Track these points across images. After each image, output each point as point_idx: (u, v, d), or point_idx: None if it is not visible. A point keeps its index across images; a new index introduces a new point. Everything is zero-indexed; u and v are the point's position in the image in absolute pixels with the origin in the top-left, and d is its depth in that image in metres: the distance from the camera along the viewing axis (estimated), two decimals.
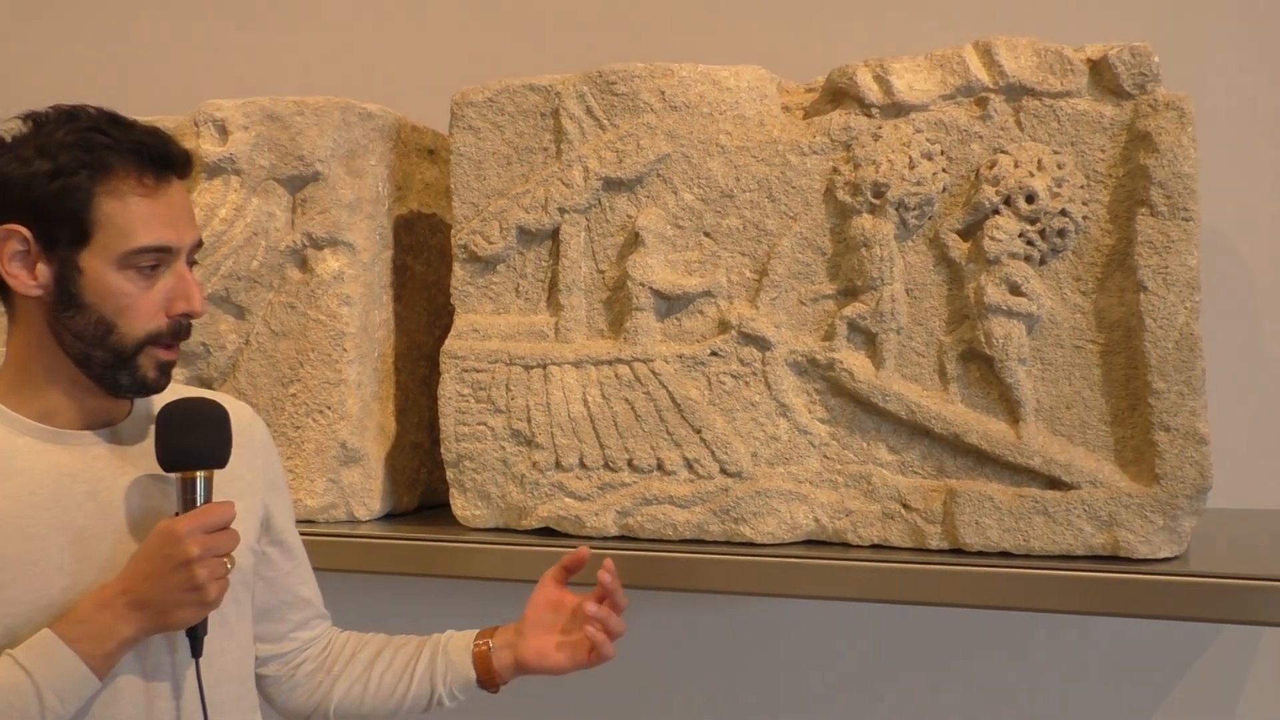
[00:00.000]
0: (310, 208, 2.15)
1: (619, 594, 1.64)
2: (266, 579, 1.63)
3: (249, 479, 1.57)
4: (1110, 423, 1.76)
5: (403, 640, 1.73)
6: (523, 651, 1.65)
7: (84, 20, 3.04)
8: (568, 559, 1.70)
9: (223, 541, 1.35)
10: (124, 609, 1.31)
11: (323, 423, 2.14)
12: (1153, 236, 1.71)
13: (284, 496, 1.67)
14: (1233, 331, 2.16)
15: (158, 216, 1.38)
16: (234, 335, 2.19)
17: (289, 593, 1.67)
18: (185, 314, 1.41)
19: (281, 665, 1.67)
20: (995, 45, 1.79)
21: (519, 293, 2.05)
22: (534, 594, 1.70)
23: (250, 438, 1.59)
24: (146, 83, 2.93)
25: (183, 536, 1.31)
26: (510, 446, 2.03)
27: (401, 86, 2.67)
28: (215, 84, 2.76)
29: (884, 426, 1.87)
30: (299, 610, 1.68)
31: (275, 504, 1.63)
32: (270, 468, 1.63)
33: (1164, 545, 1.72)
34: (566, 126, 1.99)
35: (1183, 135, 1.70)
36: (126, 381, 1.40)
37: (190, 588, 1.32)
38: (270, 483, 1.62)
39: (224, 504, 1.38)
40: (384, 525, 2.16)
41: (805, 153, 1.89)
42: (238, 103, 2.16)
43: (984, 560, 1.76)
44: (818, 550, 1.87)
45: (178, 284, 1.40)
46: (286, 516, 1.67)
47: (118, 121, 1.39)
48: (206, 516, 1.35)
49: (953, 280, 1.84)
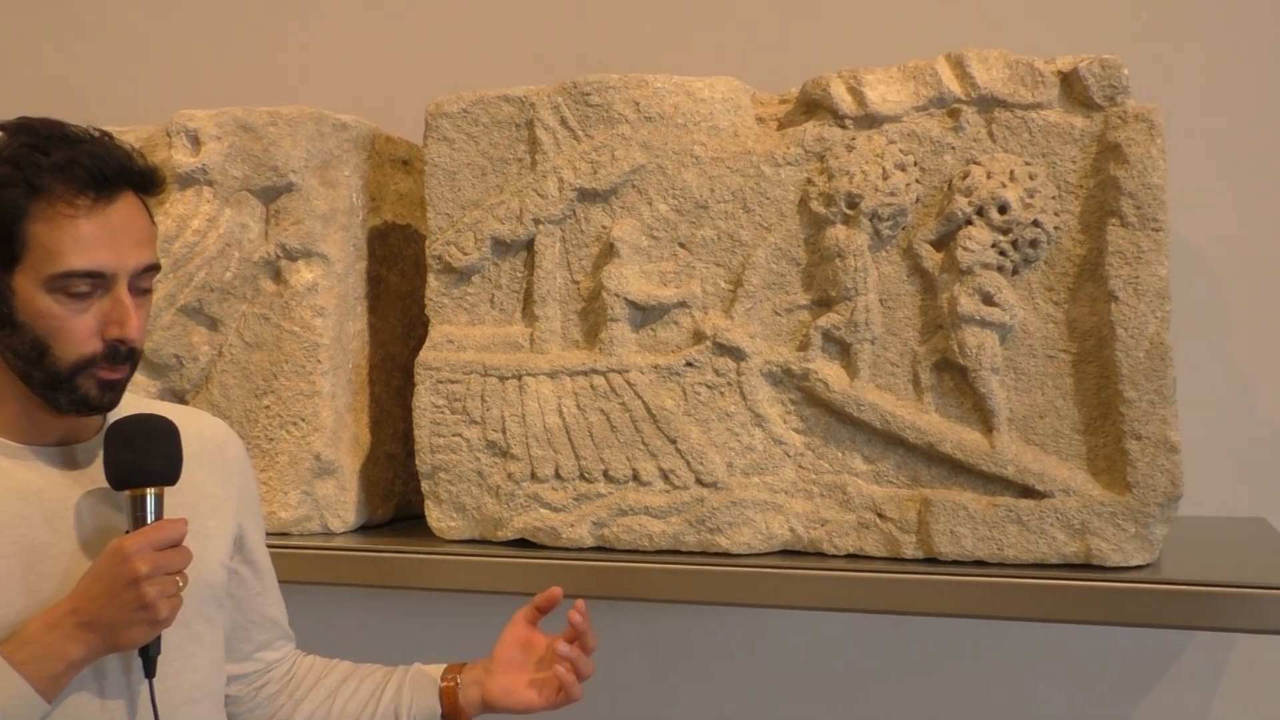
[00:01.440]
0: (284, 219, 2.14)
1: (589, 635, 1.62)
2: (235, 598, 1.61)
3: (222, 497, 1.55)
4: (1082, 431, 1.78)
5: (369, 669, 1.71)
6: (490, 689, 1.63)
7: (56, 29, 3.02)
8: (540, 599, 1.67)
9: (173, 559, 1.32)
10: (73, 629, 1.29)
11: (296, 434, 2.14)
12: (1123, 247, 1.73)
13: (257, 514, 1.66)
14: (1203, 340, 2.18)
15: (93, 239, 1.32)
16: (207, 347, 2.18)
17: (256, 612, 1.65)
18: (119, 339, 1.36)
19: (244, 686, 1.65)
20: (967, 57, 1.81)
21: (494, 304, 2.05)
22: (504, 632, 1.67)
23: (224, 455, 1.58)
24: (119, 92, 2.91)
25: (131, 555, 1.29)
26: (485, 458, 2.02)
27: (376, 97, 2.67)
28: (188, 94, 2.74)
29: (859, 436, 1.88)
30: (265, 630, 1.67)
31: (248, 522, 1.61)
32: (245, 486, 1.62)
33: (1136, 553, 1.73)
34: (541, 137, 1.99)
35: (1152, 147, 1.72)
36: (66, 401, 1.37)
37: (140, 606, 1.29)
38: (244, 501, 1.61)
39: (175, 521, 1.35)
40: (358, 537, 2.15)
41: (779, 164, 1.90)
42: (210, 113, 2.15)
43: (959, 569, 1.77)
44: (793, 560, 1.88)
45: (114, 309, 1.35)
46: (258, 534, 1.65)
47: (62, 138, 1.35)
48: (156, 534, 1.32)
49: (926, 290, 1.85)
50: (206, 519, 1.51)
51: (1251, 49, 2.21)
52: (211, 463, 1.55)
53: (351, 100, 2.58)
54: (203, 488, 1.52)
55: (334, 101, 2.35)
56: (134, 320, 1.36)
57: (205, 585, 1.49)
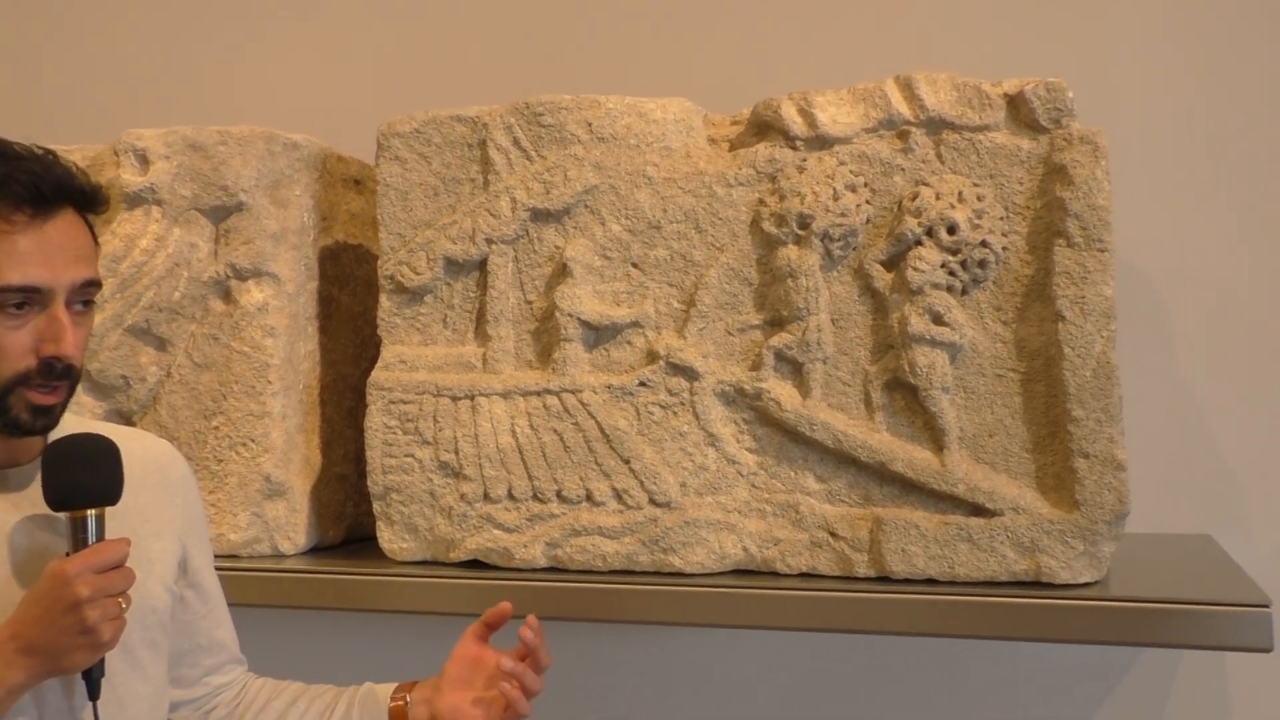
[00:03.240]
0: (234, 238, 2.14)
1: (541, 652, 1.60)
2: (181, 622, 1.61)
3: (165, 519, 1.56)
4: (1031, 450, 1.81)
5: (320, 690, 1.70)
6: (438, 707, 1.62)
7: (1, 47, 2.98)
8: (489, 615, 1.66)
9: (115, 581, 1.31)
10: (13, 655, 1.28)
11: (246, 456, 2.13)
12: (1070, 267, 1.76)
13: (202, 537, 1.65)
14: (1148, 359, 2.24)
15: (28, 255, 1.32)
16: (155, 367, 2.17)
17: (204, 636, 1.64)
18: (54, 356, 1.34)
19: (192, 711, 1.65)
20: (916, 80, 1.84)
21: (446, 324, 2.06)
22: (454, 649, 1.66)
23: (167, 477, 1.58)
24: (66, 111, 2.91)
25: (72, 578, 1.28)
26: (438, 478, 2.03)
27: (327, 116, 2.67)
28: (136, 112, 2.72)
29: (811, 455, 1.90)
30: (212, 654, 1.66)
31: (193, 544, 1.61)
32: (189, 507, 1.62)
33: (1084, 570, 1.76)
34: (494, 157, 2.00)
35: (1097, 169, 1.75)
36: None
37: (81, 630, 1.28)
38: (189, 523, 1.61)
39: (116, 542, 1.34)
40: (309, 559, 2.15)
41: (731, 184, 1.92)
42: (159, 132, 2.16)
43: (910, 587, 1.79)
44: (746, 580, 1.89)
45: (49, 325, 1.34)
46: (204, 557, 1.65)
47: (1, 155, 1.34)
48: (97, 556, 1.31)
49: (877, 310, 1.88)
50: (150, 542, 1.51)
51: (1193, 70, 2.27)
52: (155, 484, 1.55)
53: (303, 119, 2.58)
54: (145, 510, 1.51)
55: (285, 121, 2.35)
56: (69, 337, 1.35)
57: (149, 610, 1.49)
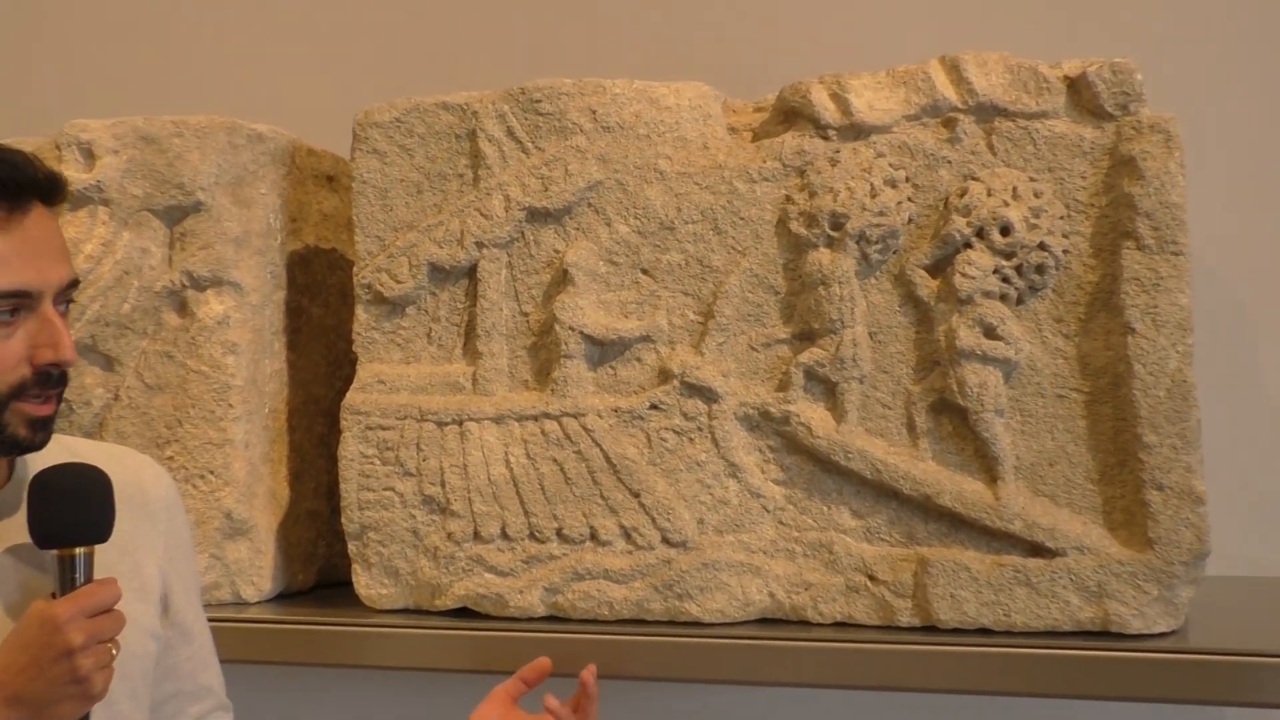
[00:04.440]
0: (190, 242, 2.13)
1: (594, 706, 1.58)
2: (162, 665, 1.58)
3: (147, 549, 1.54)
4: (1097, 481, 1.79)
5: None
6: None
7: None
8: (527, 671, 1.64)
9: (107, 626, 1.32)
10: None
11: (204, 489, 2.11)
12: (1140, 273, 1.75)
13: (187, 567, 1.63)
14: (1229, 377, 2.20)
15: (12, 256, 1.33)
16: (101, 389, 2.16)
17: (188, 680, 1.61)
18: (52, 363, 1.37)
19: None
20: (964, 61, 1.83)
21: (431, 339, 2.04)
22: (479, 710, 1.64)
23: (149, 500, 1.57)
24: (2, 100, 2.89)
25: (63, 624, 1.28)
26: (421, 515, 2.01)
27: (297, 105, 2.66)
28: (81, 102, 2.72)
29: (846, 488, 1.88)
30: (198, 701, 1.63)
31: (176, 577, 1.59)
32: (174, 533, 1.60)
33: (1160, 618, 1.74)
34: (485, 150, 1.99)
35: (1170, 161, 1.74)
36: None
37: (73, 680, 1.28)
38: (173, 552, 1.59)
39: (107, 583, 1.34)
40: (276, 607, 2.13)
41: (754, 179, 1.91)
42: (107, 123, 2.14)
43: (960, 638, 1.78)
44: (773, 630, 1.87)
45: (42, 329, 1.36)
46: (188, 591, 1.62)
47: None
48: (89, 599, 1.31)
49: (921, 322, 1.86)
50: (130, 578, 1.48)
51: (1276, 48, 2.24)
52: (136, 510, 1.53)
53: (269, 108, 2.56)
54: (125, 541, 1.49)
55: (249, 110, 2.33)
56: (67, 340, 1.37)
57: (131, 656, 1.46)
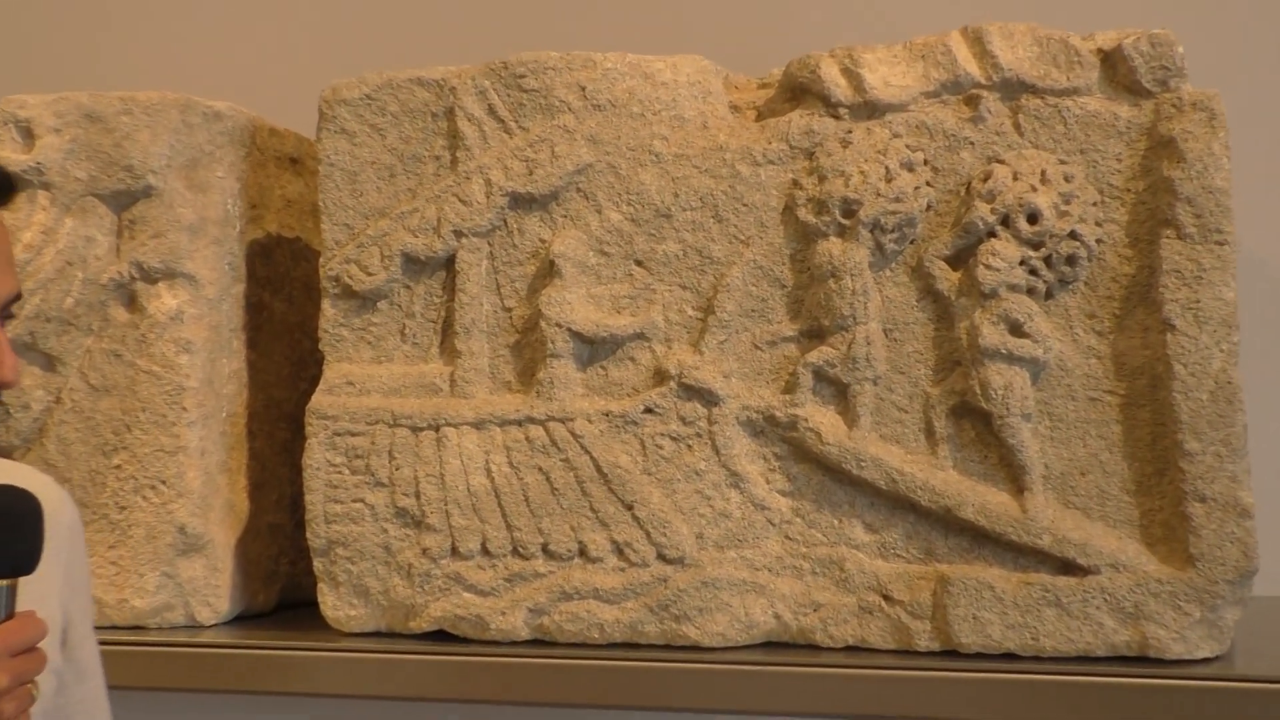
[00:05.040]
0: (140, 231, 2.13)
1: None
2: (53, 705, 1.55)
3: (49, 578, 1.51)
4: (1134, 492, 1.79)
5: None
6: None
7: None
8: None
9: (31, 666, 1.31)
10: None
11: (155, 501, 2.10)
12: (1180, 264, 1.75)
13: (86, 599, 1.62)
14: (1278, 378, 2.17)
15: None
16: (41, 391, 2.16)
17: None
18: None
19: None
20: (988, 33, 1.84)
21: (405, 336, 2.03)
22: None
23: (52, 525, 1.51)
24: None
25: None
26: (394, 529, 2.00)
27: (257, 80, 2.66)
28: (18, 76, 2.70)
29: (859, 499, 1.88)
30: None
31: (76, 608, 1.58)
32: (74, 563, 1.58)
33: (1202, 642, 1.74)
34: (464, 129, 1.98)
35: (1214, 141, 1.74)
36: None
37: None
38: (73, 582, 1.57)
39: (30, 618, 1.33)
40: (234, 631, 2.12)
41: (759, 162, 1.90)
42: (48, 99, 2.14)
43: (984, 664, 1.77)
44: (779, 654, 1.87)
45: None
46: (85, 625, 1.61)
47: None
48: (13, 637, 1.30)
49: (940, 318, 1.86)
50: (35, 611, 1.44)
51: None
52: None
53: (227, 84, 2.57)
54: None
55: (205, 86, 2.34)
56: (11, 361, 1.38)
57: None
